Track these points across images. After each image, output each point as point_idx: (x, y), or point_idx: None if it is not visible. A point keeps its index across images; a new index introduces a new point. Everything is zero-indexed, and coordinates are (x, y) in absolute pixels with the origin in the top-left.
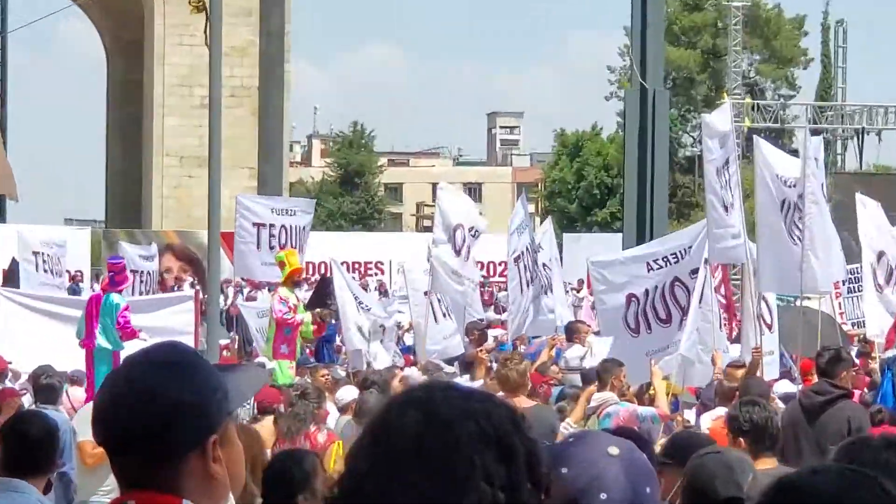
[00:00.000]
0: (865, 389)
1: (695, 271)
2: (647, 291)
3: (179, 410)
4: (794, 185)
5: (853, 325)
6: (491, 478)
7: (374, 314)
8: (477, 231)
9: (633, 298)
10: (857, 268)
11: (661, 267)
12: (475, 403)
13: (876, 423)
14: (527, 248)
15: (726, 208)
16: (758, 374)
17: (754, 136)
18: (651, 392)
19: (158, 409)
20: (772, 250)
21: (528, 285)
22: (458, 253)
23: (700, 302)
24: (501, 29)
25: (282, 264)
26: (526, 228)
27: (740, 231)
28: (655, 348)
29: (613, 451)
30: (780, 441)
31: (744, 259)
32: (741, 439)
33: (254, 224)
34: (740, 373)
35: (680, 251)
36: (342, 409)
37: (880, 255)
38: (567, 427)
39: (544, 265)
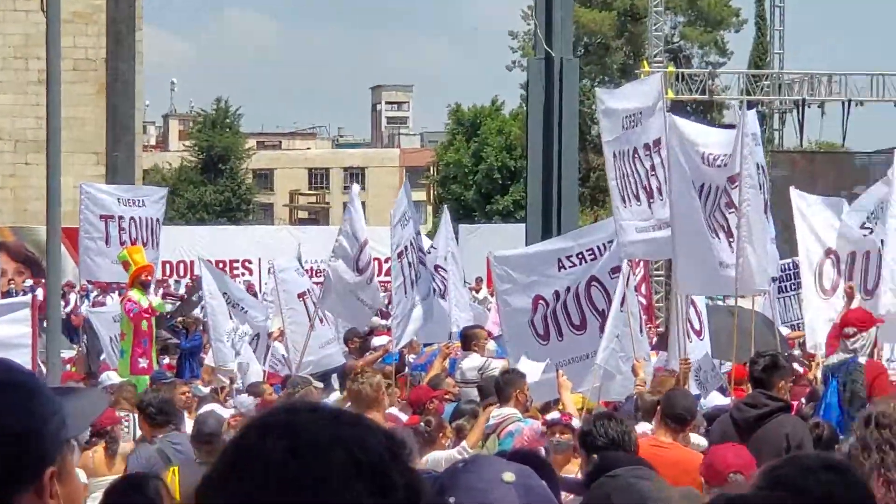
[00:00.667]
0: (803, 400)
1: (616, 270)
2: (556, 294)
3: (11, 441)
4: (725, 165)
5: (790, 327)
6: None
7: (252, 318)
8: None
9: (541, 301)
10: (789, 263)
11: (575, 265)
12: (346, 428)
13: (814, 439)
14: (411, 243)
15: (651, 194)
16: (686, 387)
17: (666, 113)
18: (560, 407)
19: None
20: (689, 246)
21: (412, 285)
22: (360, 272)
23: (621, 305)
24: None
25: (125, 264)
26: (410, 220)
27: (665, 222)
28: (566, 358)
29: (508, 477)
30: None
31: (669, 255)
32: (594, 456)
33: (100, 217)
34: (670, 381)
35: (597, 247)
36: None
37: (827, 252)
38: (461, 452)
39: (437, 267)
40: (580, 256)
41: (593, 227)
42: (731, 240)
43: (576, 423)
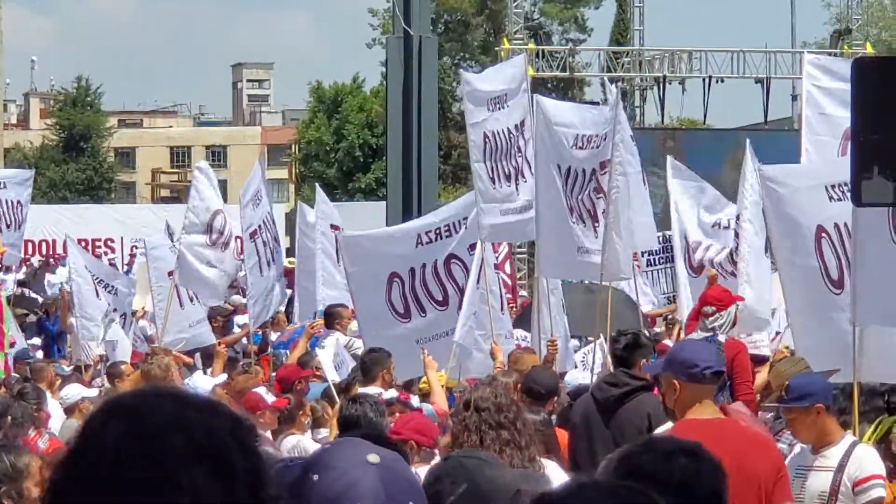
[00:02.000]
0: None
1: (473, 246)
2: (412, 270)
3: None
4: (598, 147)
5: (653, 303)
6: (201, 498)
7: (121, 294)
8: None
9: (396, 278)
10: (660, 236)
11: (431, 242)
12: (191, 413)
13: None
14: (264, 222)
15: (514, 177)
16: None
17: (535, 95)
18: (423, 386)
19: None
20: (550, 229)
21: (268, 265)
22: (213, 243)
23: (478, 281)
24: None
25: None
26: (262, 198)
27: (530, 204)
28: (430, 335)
29: (373, 458)
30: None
31: (532, 237)
32: None
33: None
34: (529, 358)
35: (454, 224)
36: (68, 411)
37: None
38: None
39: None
40: (437, 232)
41: (451, 205)
42: (596, 225)
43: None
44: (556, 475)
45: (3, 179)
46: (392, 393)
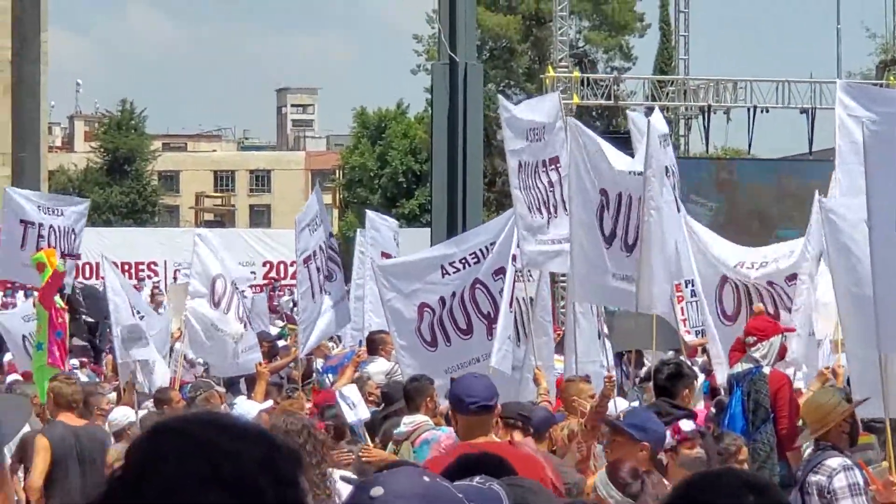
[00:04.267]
0: (712, 409)
1: (500, 271)
2: (442, 300)
3: None
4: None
5: (696, 333)
6: None
7: (147, 322)
8: (240, 280)
9: (427, 309)
10: None
11: (459, 270)
12: (225, 439)
13: (719, 451)
14: (321, 247)
15: (550, 211)
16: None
17: (570, 120)
18: None
19: None
20: (584, 254)
21: (321, 290)
22: (216, 305)
23: (528, 307)
24: None
25: (41, 266)
26: (321, 224)
27: (560, 239)
28: (457, 363)
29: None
30: None
31: (565, 269)
32: None
33: (20, 221)
34: (584, 387)
35: (480, 250)
36: (116, 436)
37: (723, 280)
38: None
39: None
40: (463, 261)
41: (476, 231)
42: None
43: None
44: None
45: (61, 207)
46: (690, 425)
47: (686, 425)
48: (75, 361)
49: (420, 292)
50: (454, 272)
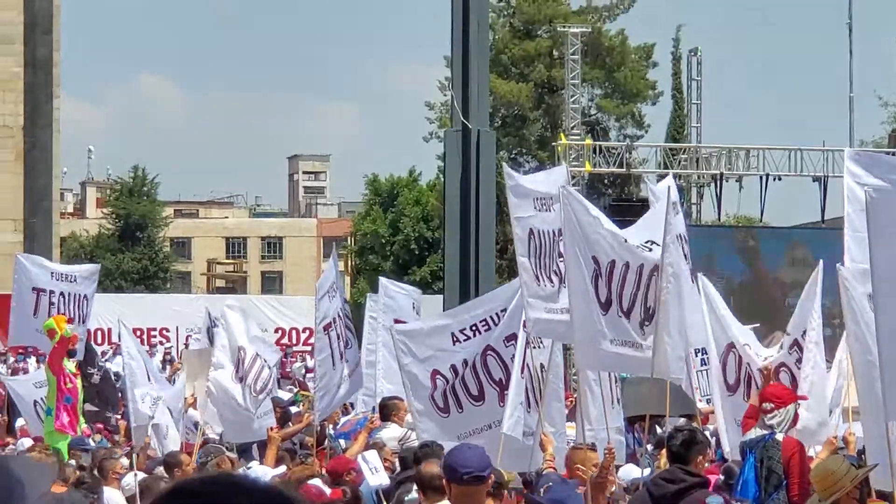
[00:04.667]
0: (721, 476)
1: (511, 338)
2: (454, 368)
3: None
4: (650, 250)
5: (707, 401)
6: None
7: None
8: (266, 356)
9: (439, 376)
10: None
11: (469, 338)
12: (243, 499)
13: None
14: (339, 314)
15: (562, 280)
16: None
17: (563, 188)
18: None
19: None
20: (583, 322)
21: (341, 357)
22: (240, 380)
23: (541, 373)
24: (303, 58)
25: (51, 332)
26: (337, 291)
27: (567, 307)
28: (468, 430)
29: None
30: None
31: (568, 340)
32: None
33: (32, 289)
34: (590, 455)
35: (491, 317)
36: (130, 500)
37: (729, 347)
38: None
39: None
40: (474, 329)
41: (485, 298)
42: (643, 321)
43: None
44: None
45: (74, 274)
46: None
47: (713, 501)
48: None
49: (432, 359)
50: (465, 339)
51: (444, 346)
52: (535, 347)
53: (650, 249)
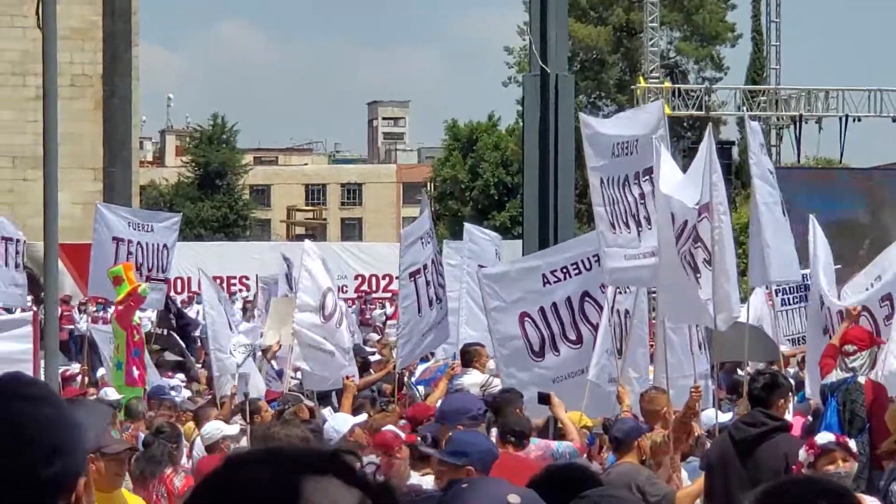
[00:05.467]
0: (810, 418)
1: (604, 284)
2: (542, 310)
3: (54, 455)
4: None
5: (790, 342)
6: None
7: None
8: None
9: (527, 318)
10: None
11: (559, 280)
12: (293, 476)
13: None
14: (431, 261)
15: (639, 223)
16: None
17: (654, 142)
18: (560, 426)
19: (30, 449)
20: (670, 276)
21: (430, 304)
22: (326, 319)
23: (626, 319)
24: (383, 3)
25: (117, 279)
26: (431, 239)
27: (653, 251)
28: (565, 373)
29: (513, 499)
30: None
31: (653, 284)
32: None
33: (112, 238)
34: (663, 398)
35: (583, 261)
36: (209, 449)
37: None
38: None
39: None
40: (564, 270)
41: (578, 240)
42: (698, 275)
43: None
44: None
45: (150, 223)
46: (829, 437)
47: (823, 438)
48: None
49: (521, 302)
50: (555, 281)
51: (534, 287)
52: (622, 292)
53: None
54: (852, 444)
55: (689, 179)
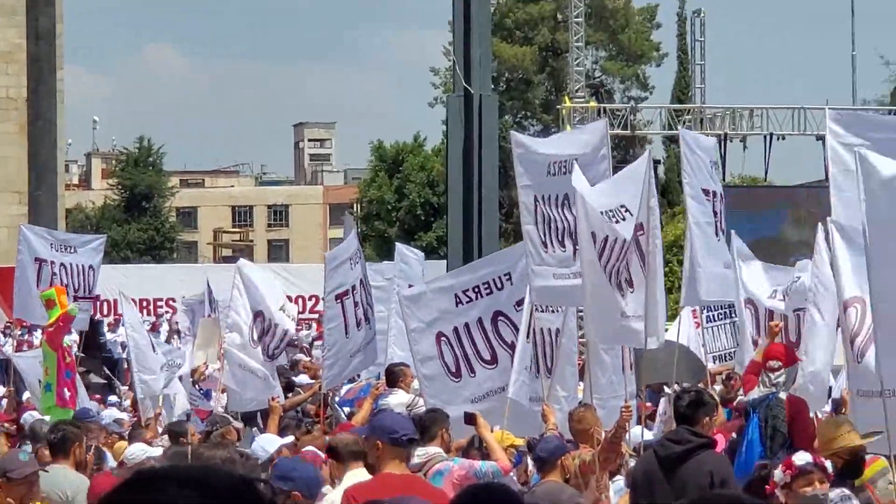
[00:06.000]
0: (734, 435)
1: (520, 302)
2: (455, 330)
3: None
4: (632, 215)
5: (714, 359)
6: None
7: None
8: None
9: (443, 338)
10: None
11: (471, 300)
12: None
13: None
14: (360, 282)
15: (576, 242)
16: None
17: (574, 162)
18: (481, 446)
19: None
20: (595, 296)
21: (358, 326)
22: (257, 341)
23: (555, 338)
24: (307, 25)
25: (50, 303)
26: (360, 260)
27: (579, 271)
28: (480, 393)
29: None
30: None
31: (580, 303)
32: None
33: (34, 259)
34: (591, 416)
35: (494, 280)
36: None
37: (747, 302)
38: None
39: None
40: (476, 290)
41: (490, 258)
42: (622, 294)
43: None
44: None
45: (73, 244)
46: (805, 457)
47: (800, 458)
48: (113, 398)
49: (437, 322)
50: (467, 301)
51: (448, 307)
52: (551, 311)
53: (623, 218)
54: (828, 464)
55: (609, 186)
